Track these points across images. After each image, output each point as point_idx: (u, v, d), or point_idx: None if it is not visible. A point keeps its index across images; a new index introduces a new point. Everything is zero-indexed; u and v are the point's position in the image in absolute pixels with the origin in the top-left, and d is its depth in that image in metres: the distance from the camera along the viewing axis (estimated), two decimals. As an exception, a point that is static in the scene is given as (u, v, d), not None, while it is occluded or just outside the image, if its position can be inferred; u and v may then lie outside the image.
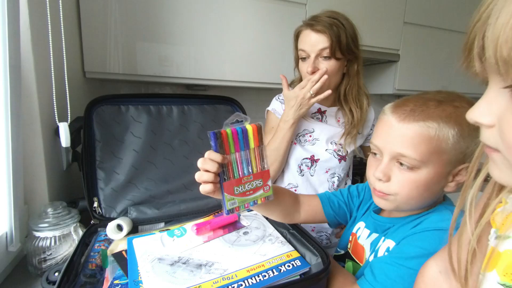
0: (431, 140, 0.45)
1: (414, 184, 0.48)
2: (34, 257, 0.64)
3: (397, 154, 0.48)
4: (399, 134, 0.47)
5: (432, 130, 0.45)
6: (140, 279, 0.48)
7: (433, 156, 0.46)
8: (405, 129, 0.46)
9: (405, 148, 0.46)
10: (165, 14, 1.09)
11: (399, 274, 0.46)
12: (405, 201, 0.50)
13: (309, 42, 0.82)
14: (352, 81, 0.88)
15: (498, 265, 0.30)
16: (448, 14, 1.60)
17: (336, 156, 0.91)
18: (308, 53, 0.83)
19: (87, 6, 0.99)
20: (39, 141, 0.71)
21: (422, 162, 0.46)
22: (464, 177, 0.47)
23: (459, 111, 0.45)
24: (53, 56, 0.71)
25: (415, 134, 0.46)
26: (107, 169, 0.73)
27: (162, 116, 0.81)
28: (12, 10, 0.58)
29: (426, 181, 0.47)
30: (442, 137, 0.45)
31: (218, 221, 0.64)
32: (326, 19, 0.80)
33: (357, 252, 0.60)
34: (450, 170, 0.47)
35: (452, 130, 0.45)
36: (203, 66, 1.18)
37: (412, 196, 0.49)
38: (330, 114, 0.94)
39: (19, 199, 0.66)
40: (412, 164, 0.46)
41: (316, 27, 0.81)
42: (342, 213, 0.66)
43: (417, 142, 0.45)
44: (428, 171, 0.47)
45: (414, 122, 0.46)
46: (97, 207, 0.70)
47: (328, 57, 0.82)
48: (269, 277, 0.48)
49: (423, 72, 1.64)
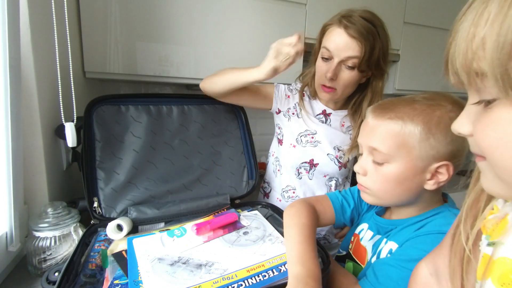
0: (397, 135, 0.48)
1: (384, 178, 0.51)
2: (34, 257, 0.64)
3: (371, 148, 0.52)
4: (372, 130, 0.52)
5: (397, 126, 0.48)
6: (140, 279, 0.48)
7: (400, 150, 0.49)
8: (376, 125, 0.51)
9: (375, 141, 0.51)
10: (165, 14, 1.09)
11: (401, 276, 0.46)
12: (381, 196, 0.53)
13: (337, 45, 0.73)
14: (375, 98, 0.81)
15: (492, 273, 0.30)
16: (448, 14, 1.60)
17: (337, 163, 0.87)
18: (332, 55, 0.75)
19: (87, 6, 0.99)
20: (39, 141, 0.71)
21: (390, 156, 0.49)
22: (445, 176, 0.48)
23: (430, 109, 0.48)
24: (54, 56, 0.71)
25: (384, 130, 0.50)
26: (107, 169, 0.73)
27: (162, 116, 0.81)
28: (12, 10, 0.58)
29: (396, 176, 0.50)
30: (408, 133, 0.48)
31: (218, 221, 0.64)
32: (364, 24, 0.70)
33: (359, 253, 0.60)
34: (424, 166, 0.48)
35: (419, 127, 0.47)
36: (203, 66, 1.17)
37: (385, 190, 0.52)
38: (335, 117, 0.88)
39: (19, 199, 0.66)
40: (382, 158, 0.50)
41: (351, 30, 0.71)
42: (350, 216, 0.66)
43: (385, 137, 0.50)
44: (397, 165, 0.49)
45: (384, 119, 0.50)
46: (97, 207, 0.71)
47: (352, 67, 0.74)
48: (269, 277, 0.48)
49: (423, 72, 1.64)
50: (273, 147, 0.98)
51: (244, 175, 0.88)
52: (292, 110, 0.89)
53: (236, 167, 0.88)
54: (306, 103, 0.88)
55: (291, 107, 0.89)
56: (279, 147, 0.93)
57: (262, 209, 0.76)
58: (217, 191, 0.82)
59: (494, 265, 0.30)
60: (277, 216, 0.70)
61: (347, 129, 0.89)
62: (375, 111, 0.53)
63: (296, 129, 0.88)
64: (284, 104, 0.89)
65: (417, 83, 1.63)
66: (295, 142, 0.89)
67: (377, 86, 0.81)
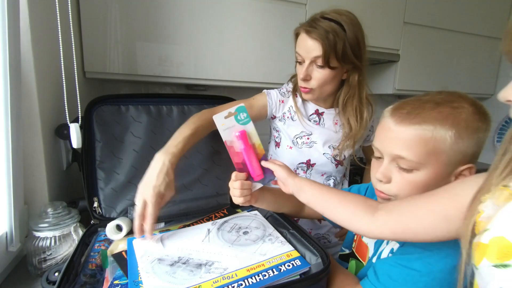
0: (428, 142, 0.46)
1: (413, 185, 0.48)
2: (34, 257, 0.64)
3: (395, 156, 0.48)
4: (396, 137, 0.48)
5: (428, 132, 0.46)
6: (140, 279, 0.48)
7: (430, 157, 0.46)
8: (402, 132, 0.48)
9: (402, 150, 0.47)
10: (165, 14, 1.09)
11: (402, 275, 0.46)
12: None
13: (304, 48, 0.78)
14: (352, 91, 0.84)
15: (487, 253, 0.33)
16: (448, 14, 1.60)
17: (333, 161, 0.90)
18: (303, 58, 0.80)
19: (87, 6, 0.99)
20: (39, 141, 0.71)
21: (420, 164, 0.47)
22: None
23: (457, 112, 0.46)
24: (54, 56, 0.72)
25: (411, 137, 0.47)
26: (107, 169, 0.73)
27: (162, 116, 0.81)
28: (12, 10, 0.58)
29: (425, 182, 0.47)
30: (439, 138, 0.45)
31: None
32: (325, 25, 0.75)
33: (361, 250, 0.60)
34: (451, 171, 0.47)
35: (450, 132, 0.45)
36: (203, 66, 1.17)
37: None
38: (327, 116, 0.90)
39: (19, 199, 0.66)
40: (410, 165, 0.47)
41: (312, 34, 0.76)
42: None
43: (414, 144, 0.46)
44: (426, 172, 0.47)
45: (410, 125, 0.47)
46: (97, 207, 0.71)
47: (321, 66, 0.78)
48: (269, 277, 0.48)
49: (423, 72, 1.63)
50: (270, 150, 0.99)
51: (244, 175, 0.88)
52: (287, 114, 0.90)
53: (236, 167, 0.87)
54: (299, 105, 0.89)
55: (286, 111, 0.90)
56: (276, 150, 0.94)
57: (262, 209, 0.76)
58: (217, 191, 0.82)
59: (488, 247, 0.33)
60: (277, 216, 0.70)
61: (340, 127, 0.90)
62: (397, 115, 0.49)
63: (292, 131, 0.90)
64: (279, 110, 0.91)
65: (417, 83, 1.63)
66: (291, 144, 0.90)
67: (353, 80, 0.82)
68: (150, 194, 0.60)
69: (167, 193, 0.64)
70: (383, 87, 1.67)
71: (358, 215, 0.49)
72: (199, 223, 0.70)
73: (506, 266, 0.32)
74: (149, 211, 0.60)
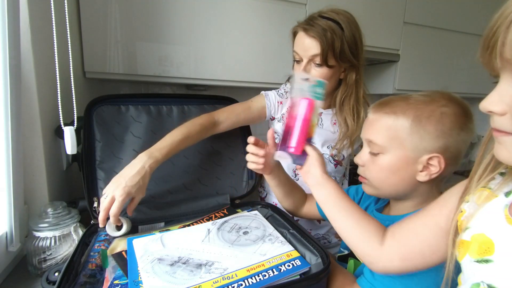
0: (390, 128, 0.52)
1: (379, 167, 0.54)
2: (34, 257, 0.64)
3: (367, 140, 0.56)
4: (370, 123, 0.56)
5: (391, 119, 0.52)
6: (140, 279, 0.48)
7: (393, 142, 0.52)
8: (374, 119, 0.55)
9: (372, 134, 0.55)
10: (165, 14, 1.09)
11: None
12: (378, 185, 0.56)
13: (301, 46, 0.79)
14: (349, 90, 0.84)
15: (470, 249, 0.36)
16: (448, 14, 1.60)
17: (332, 161, 0.90)
18: (301, 57, 0.80)
19: (87, 6, 0.99)
20: (39, 141, 0.71)
21: (384, 147, 0.53)
22: (437, 168, 0.50)
23: (424, 104, 0.51)
24: (54, 56, 0.71)
25: (379, 123, 0.54)
26: (107, 169, 0.73)
27: (162, 116, 0.81)
28: (12, 10, 0.58)
29: (390, 165, 0.53)
30: (400, 126, 0.51)
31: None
32: (322, 23, 0.75)
33: None
34: (415, 157, 0.51)
35: (409, 120, 0.50)
36: (203, 66, 1.17)
37: (380, 179, 0.55)
38: (325, 116, 0.90)
39: (19, 199, 0.66)
40: (377, 149, 0.54)
41: (309, 32, 0.76)
42: None
43: (380, 130, 0.54)
44: (390, 156, 0.53)
45: (381, 113, 0.54)
46: (97, 207, 0.70)
47: (319, 64, 0.78)
48: (269, 277, 0.48)
49: (423, 72, 1.64)
50: None
51: (244, 175, 0.88)
52: (286, 115, 0.90)
53: (236, 167, 0.88)
54: None
55: (284, 113, 0.90)
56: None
57: (262, 209, 0.76)
58: (217, 191, 0.82)
59: (470, 244, 0.36)
60: (277, 216, 0.70)
61: (338, 127, 0.90)
62: (375, 107, 0.56)
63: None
64: (278, 111, 0.91)
65: (417, 83, 1.63)
66: None
67: (350, 79, 0.83)
68: (120, 194, 0.61)
69: (137, 195, 0.65)
70: (383, 87, 1.68)
71: (370, 242, 0.47)
72: (199, 223, 0.69)
73: (487, 262, 0.33)
74: (113, 208, 0.60)
